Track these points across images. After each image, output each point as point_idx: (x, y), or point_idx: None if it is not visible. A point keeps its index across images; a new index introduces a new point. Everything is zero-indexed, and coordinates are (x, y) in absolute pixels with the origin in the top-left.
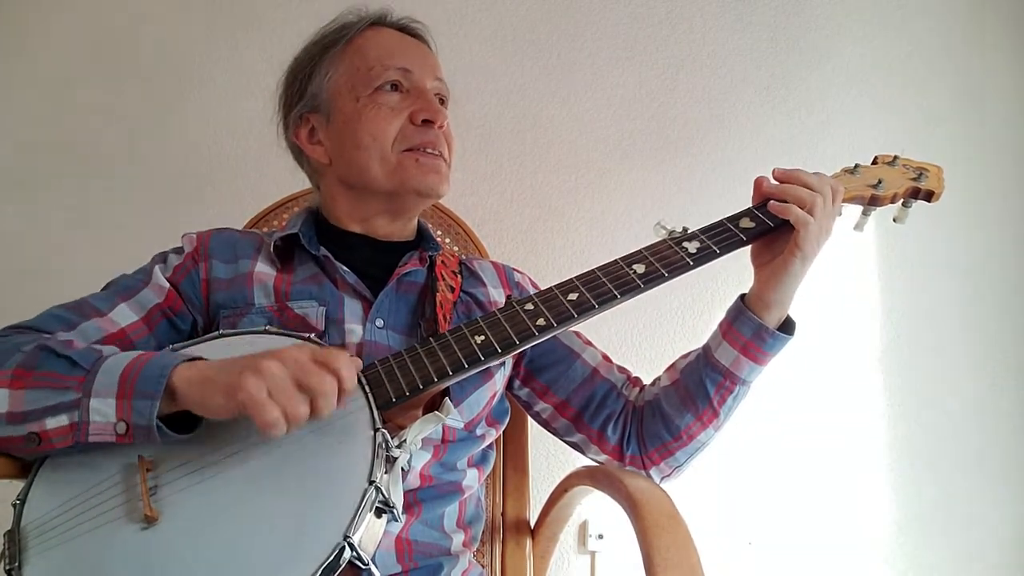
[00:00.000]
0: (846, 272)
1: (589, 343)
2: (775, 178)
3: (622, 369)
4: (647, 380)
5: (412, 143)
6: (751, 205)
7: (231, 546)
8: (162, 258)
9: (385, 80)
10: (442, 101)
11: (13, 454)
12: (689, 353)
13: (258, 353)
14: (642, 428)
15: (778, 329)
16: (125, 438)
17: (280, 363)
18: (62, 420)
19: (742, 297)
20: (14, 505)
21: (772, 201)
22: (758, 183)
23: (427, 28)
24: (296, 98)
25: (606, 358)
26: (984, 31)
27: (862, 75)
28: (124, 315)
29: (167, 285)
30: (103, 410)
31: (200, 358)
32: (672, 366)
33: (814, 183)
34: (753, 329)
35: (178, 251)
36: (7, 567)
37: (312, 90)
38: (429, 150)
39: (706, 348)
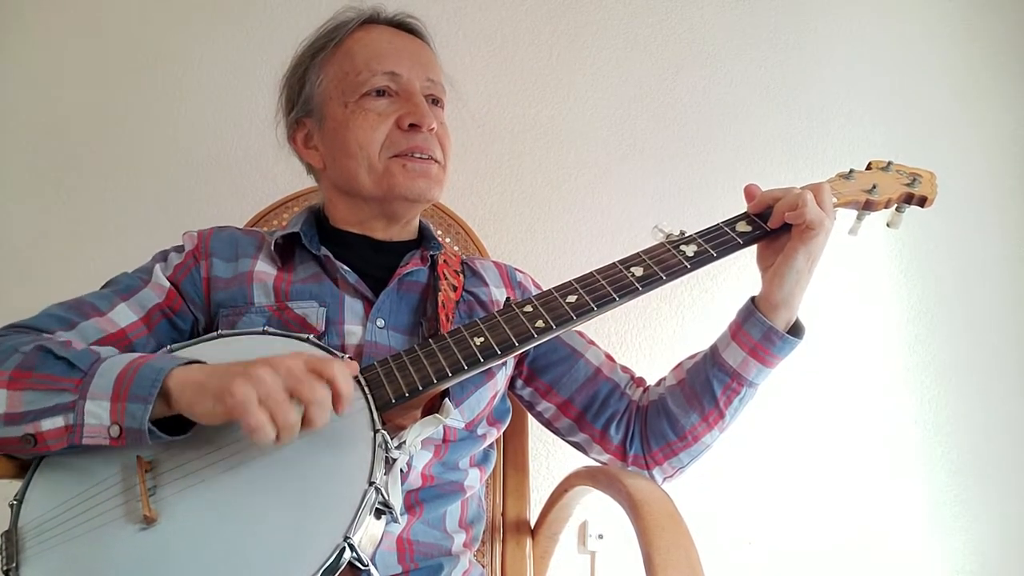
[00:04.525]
0: (842, 270)
1: (592, 343)
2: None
3: (625, 369)
4: (647, 380)
5: (399, 149)
6: (748, 209)
7: (230, 547)
8: (163, 257)
9: (372, 87)
10: (436, 101)
11: (10, 454)
12: (696, 354)
13: (253, 360)
14: (646, 428)
15: (788, 332)
16: (118, 441)
17: (272, 370)
18: (58, 422)
19: (752, 299)
20: (11, 505)
21: (788, 213)
22: (750, 191)
23: (423, 23)
24: (292, 102)
25: (609, 358)
26: (982, 34)
27: (861, 76)
28: (124, 315)
29: (168, 284)
30: (97, 413)
31: (199, 361)
32: (678, 366)
33: (789, 189)
34: (762, 331)
35: (179, 249)
36: (4, 567)
37: (305, 95)
38: (417, 154)
39: (713, 349)
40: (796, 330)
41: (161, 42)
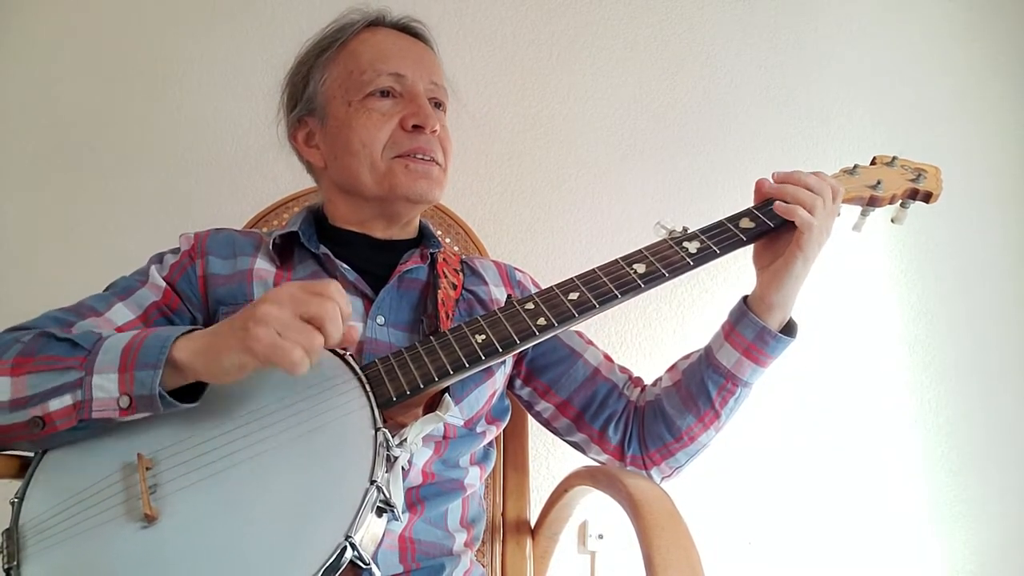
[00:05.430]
0: (842, 270)
1: (591, 343)
2: (775, 180)
3: (623, 369)
4: (647, 379)
5: (402, 149)
6: (751, 205)
7: (231, 546)
8: (159, 258)
9: (376, 87)
10: (439, 104)
11: (16, 443)
12: (690, 354)
13: (249, 306)
14: (643, 429)
15: (780, 331)
16: (128, 411)
17: (277, 304)
18: (65, 400)
19: (744, 299)
20: (12, 503)
21: (777, 202)
22: (759, 185)
23: (427, 27)
24: (294, 101)
25: (607, 358)
26: (983, 34)
27: (861, 76)
28: (121, 314)
29: (164, 284)
30: (105, 386)
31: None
32: (673, 367)
33: (814, 184)
34: (756, 331)
35: (175, 251)
36: (6, 566)
37: (308, 93)
38: (420, 156)
39: (708, 349)
40: (789, 329)
41: (161, 42)
